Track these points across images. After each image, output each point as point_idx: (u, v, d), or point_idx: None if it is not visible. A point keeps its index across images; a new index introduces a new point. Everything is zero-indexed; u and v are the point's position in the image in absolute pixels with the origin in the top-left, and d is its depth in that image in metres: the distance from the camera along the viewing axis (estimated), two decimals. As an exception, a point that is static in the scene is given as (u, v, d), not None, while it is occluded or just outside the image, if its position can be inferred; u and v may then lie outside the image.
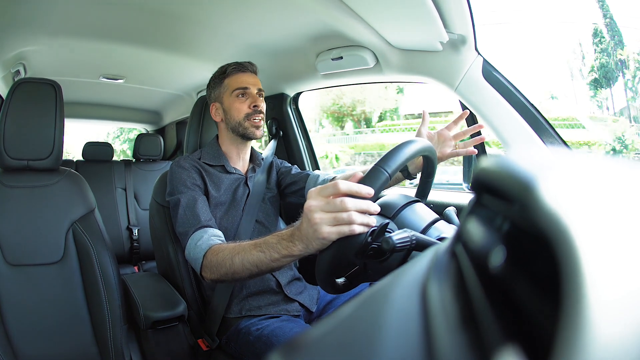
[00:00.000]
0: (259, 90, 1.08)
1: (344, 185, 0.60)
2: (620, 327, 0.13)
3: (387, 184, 0.62)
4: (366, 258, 0.64)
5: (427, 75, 1.07)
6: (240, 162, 1.13)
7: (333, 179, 1.08)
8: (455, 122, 0.96)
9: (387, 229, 0.65)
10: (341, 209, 0.59)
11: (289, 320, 0.98)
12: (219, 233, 0.94)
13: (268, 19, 1.14)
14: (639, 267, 0.14)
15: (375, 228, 0.63)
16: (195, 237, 0.91)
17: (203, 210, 0.97)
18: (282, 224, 1.35)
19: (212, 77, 1.12)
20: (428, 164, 0.91)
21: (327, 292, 0.70)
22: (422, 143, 0.70)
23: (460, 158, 0.98)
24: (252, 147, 1.18)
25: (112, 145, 2.55)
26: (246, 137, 1.08)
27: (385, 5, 0.91)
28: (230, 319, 1.01)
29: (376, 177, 0.61)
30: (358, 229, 0.59)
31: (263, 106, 1.08)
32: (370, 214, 0.61)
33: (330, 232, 0.60)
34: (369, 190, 0.60)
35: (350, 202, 0.59)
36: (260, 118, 1.07)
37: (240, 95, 1.06)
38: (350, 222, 0.59)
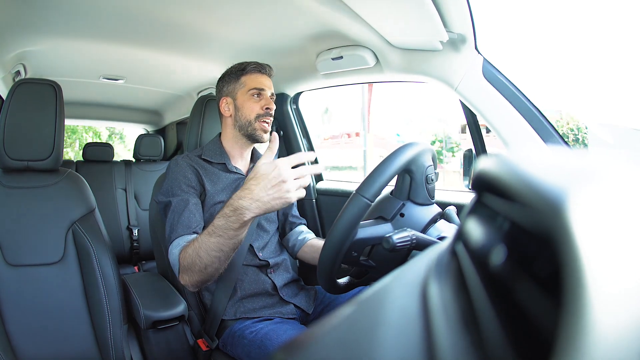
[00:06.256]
0: (272, 94, 1.09)
1: (302, 155, 0.82)
2: (621, 325, 0.13)
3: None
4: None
5: (427, 75, 1.07)
6: (242, 161, 1.13)
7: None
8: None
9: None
10: (303, 174, 0.79)
11: (282, 322, 0.97)
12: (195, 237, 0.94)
13: (268, 19, 1.14)
14: (638, 265, 0.14)
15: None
16: (174, 244, 0.93)
17: (190, 217, 0.96)
18: None
19: (227, 72, 1.11)
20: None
21: (328, 292, 0.70)
22: (424, 145, 0.70)
23: (461, 158, 0.99)
24: (254, 147, 1.17)
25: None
26: (252, 139, 1.08)
27: (385, 4, 0.91)
28: (226, 321, 1.01)
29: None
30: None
31: (274, 110, 1.09)
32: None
33: (296, 195, 0.79)
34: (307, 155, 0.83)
35: (304, 168, 0.81)
36: (269, 122, 1.07)
37: (255, 95, 1.07)
38: (307, 182, 0.81)
